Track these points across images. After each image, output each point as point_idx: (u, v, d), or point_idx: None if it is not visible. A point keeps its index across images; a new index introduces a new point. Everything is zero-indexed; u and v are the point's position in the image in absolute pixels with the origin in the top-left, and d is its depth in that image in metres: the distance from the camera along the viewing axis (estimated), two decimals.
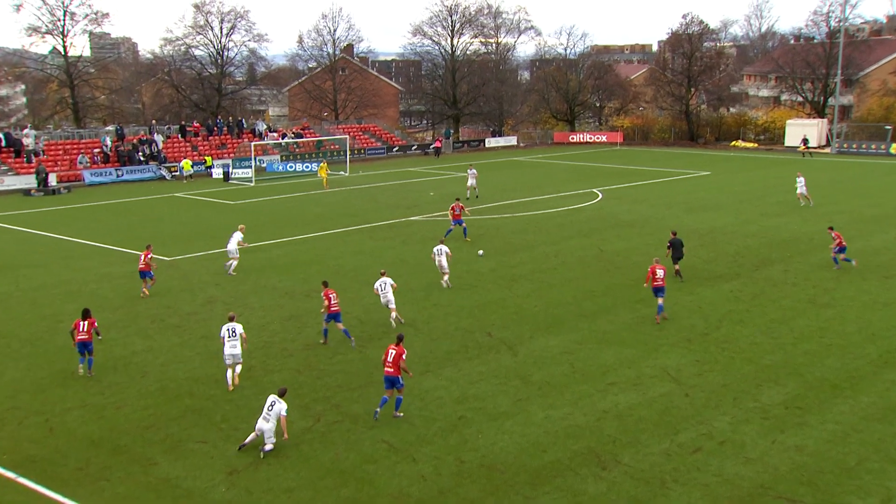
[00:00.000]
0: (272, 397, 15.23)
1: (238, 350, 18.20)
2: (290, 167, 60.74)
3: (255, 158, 57.50)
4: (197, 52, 76.56)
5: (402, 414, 16.56)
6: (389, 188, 50.85)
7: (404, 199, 45.63)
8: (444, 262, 25.99)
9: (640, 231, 35.36)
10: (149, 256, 25.52)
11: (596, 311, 23.48)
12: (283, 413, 15.07)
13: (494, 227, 36.47)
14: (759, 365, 19.22)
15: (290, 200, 46.45)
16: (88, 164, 55.75)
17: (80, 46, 71.79)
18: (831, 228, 28.93)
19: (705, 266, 28.77)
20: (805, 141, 69.35)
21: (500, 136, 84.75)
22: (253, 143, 59.07)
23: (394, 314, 22.13)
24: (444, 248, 26.37)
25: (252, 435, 15.19)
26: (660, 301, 22.49)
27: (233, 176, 56.55)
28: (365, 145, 73.03)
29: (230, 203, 45.22)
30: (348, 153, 62.69)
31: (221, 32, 74.82)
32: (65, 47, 67.15)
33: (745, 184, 50.48)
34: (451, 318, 22.96)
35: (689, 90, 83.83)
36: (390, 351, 16.68)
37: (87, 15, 67.25)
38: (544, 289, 26.02)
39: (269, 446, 14.97)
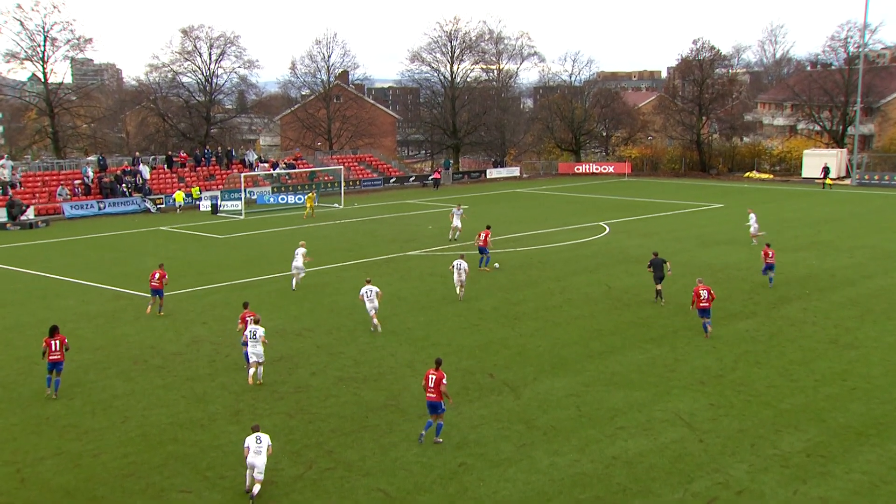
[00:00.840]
0: (255, 435, 15.37)
1: (260, 349, 20.91)
2: (282, 199, 61.09)
3: (244, 190, 57.83)
4: (184, 79, 77.55)
5: (441, 440, 17.36)
6: (386, 221, 51.06)
7: (402, 232, 45.79)
8: (463, 278, 29.17)
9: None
10: (164, 278, 27.81)
11: (604, 351, 23.49)
12: (269, 444, 15.33)
13: (497, 261, 36.51)
14: (778, 409, 19.18)
15: (281, 234, 46.63)
16: (68, 197, 56.00)
17: (60, 73, 72.97)
18: (768, 245, 31.57)
19: (719, 304, 28.74)
20: (826, 171, 69.75)
21: (502, 166, 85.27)
22: (243, 175, 59.43)
23: (375, 321, 24.94)
24: (464, 265, 29.29)
25: (248, 474, 15.19)
26: (705, 321, 24.65)
27: (221, 208, 56.85)
28: (360, 176, 73.48)
29: (218, 237, 45.39)
30: (343, 185, 63.09)
31: (210, 58, 75.87)
32: (45, 74, 67.73)
33: (761, 217, 50.67)
34: (451, 358, 22.94)
35: (701, 119, 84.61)
36: (430, 376, 17.54)
37: (68, 40, 67.79)
38: (549, 327, 26.04)
39: (257, 487, 14.92)
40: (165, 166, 64.21)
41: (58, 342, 19.62)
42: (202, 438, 17.82)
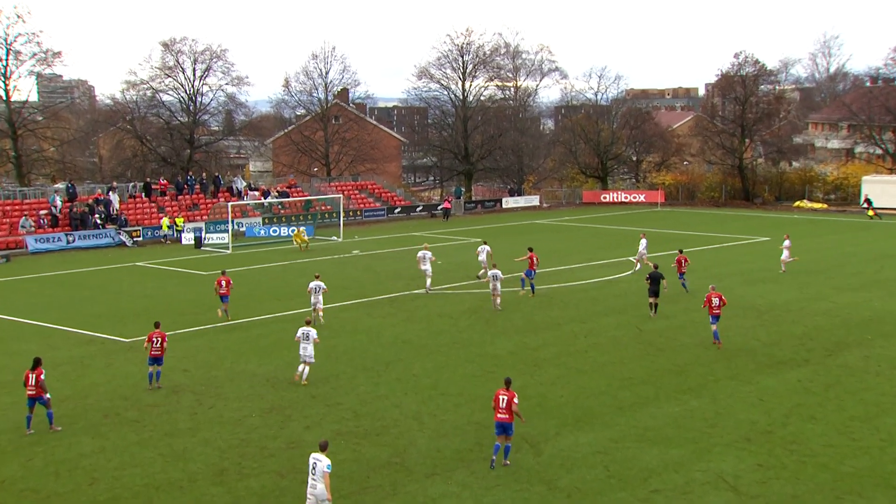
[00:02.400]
0: (314, 456, 15.85)
1: (311, 351, 24.99)
2: (274, 232, 61.48)
3: (232, 221, 58.25)
4: (165, 98, 78.39)
5: (509, 462, 18.89)
6: (390, 256, 51.26)
7: (407, 268, 45.91)
8: (499, 289, 34.35)
9: (686, 307, 35.37)
10: (230, 284, 33.36)
11: (635, 403, 23.41)
12: (327, 469, 15.61)
13: (513, 302, 36.58)
14: (838, 473, 19.00)
15: (272, 270, 46.83)
16: (33, 229, 56.45)
17: (25, 90, 73.43)
18: (681, 251, 36.06)
19: (766, 350, 28.70)
20: (868, 202, 69.80)
21: (519, 195, 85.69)
22: (230, 204, 59.91)
23: (321, 314, 30.23)
24: (500, 274, 34.45)
25: None
26: (714, 328, 27.52)
27: (206, 242, 57.19)
28: (362, 206, 73.96)
29: (202, 274, 45.62)
30: (342, 215, 63.50)
31: (194, 75, 76.78)
32: (7, 91, 68.05)
33: (813, 252, 50.65)
34: (463, 409, 22.91)
35: (743, 141, 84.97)
36: (501, 396, 19.03)
37: (34, 54, 68.16)
38: (573, 375, 25.99)
39: None
40: (143, 194, 64.80)
41: (34, 376, 20.95)
42: (181, 502, 17.78)
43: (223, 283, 33.47)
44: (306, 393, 24.44)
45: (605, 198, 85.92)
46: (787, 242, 43.79)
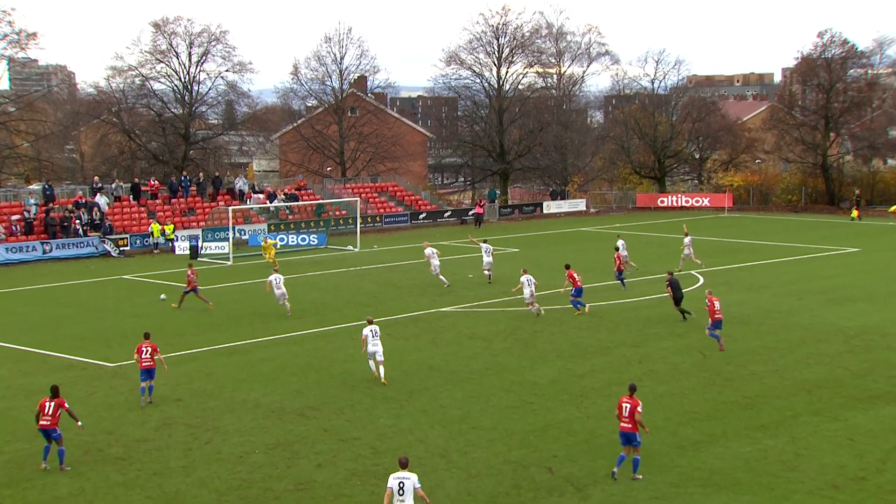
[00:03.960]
0: (399, 476, 16.98)
1: (380, 348, 28.02)
2: (282, 240, 61.70)
3: (233, 228, 58.57)
4: (156, 86, 79.10)
5: (641, 477, 19.98)
6: (414, 268, 51.29)
7: (433, 282, 45.93)
8: (534, 292, 37.24)
9: (758, 329, 35.12)
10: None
11: (699, 441, 23.22)
12: (418, 485, 17.01)
13: (556, 321, 36.52)
14: None
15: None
16: (3, 237, 57.03)
17: None
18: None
19: (856, 381, 28.35)
20: (856, 201, 69.45)
21: (562, 198, 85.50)
22: (231, 208, 60.20)
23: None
24: (533, 279, 37.36)
25: None
26: (718, 334, 31.02)
27: (203, 251, 57.56)
28: (381, 210, 74.17)
29: (198, 288, 45.81)
30: (359, 221, 63.63)
31: (190, 60, 77.47)
32: None
33: None
34: (498, 446, 22.85)
35: (828, 135, 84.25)
36: (624, 404, 20.30)
37: (5, 35, 68.93)
38: None
39: None
40: (131, 197, 65.36)
41: (53, 406, 21.58)
42: None
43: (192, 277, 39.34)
44: (317, 426, 24.49)
45: (662, 202, 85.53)
46: (687, 240, 48.57)
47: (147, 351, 26.46)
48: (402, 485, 16.95)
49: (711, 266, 49.98)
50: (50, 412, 21.56)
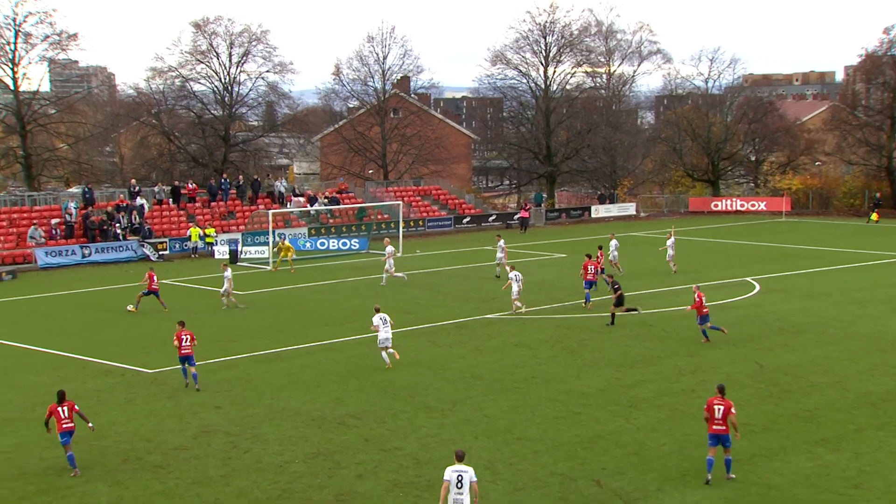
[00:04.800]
0: (456, 469, 17.51)
1: (390, 335, 30.69)
2: (322, 244, 62.09)
3: (273, 232, 58.93)
4: (196, 87, 79.83)
5: (734, 476, 20.94)
6: (457, 274, 51.36)
7: (477, 289, 45.90)
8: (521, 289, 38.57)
9: (818, 339, 34.81)
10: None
11: (755, 455, 23.00)
12: (474, 479, 17.55)
13: (604, 330, 36.39)
14: None
15: (320, 290, 47.27)
16: (43, 240, 57.73)
17: (36, 79, 74.59)
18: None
19: None
20: (876, 203, 68.14)
21: (611, 201, 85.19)
22: (271, 212, 60.62)
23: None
24: (520, 275, 38.97)
25: None
26: (707, 326, 33.92)
27: (243, 256, 57.98)
28: (425, 214, 74.31)
29: (237, 293, 46.24)
30: (401, 225, 63.79)
31: (230, 60, 78.05)
32: (15, 80, 69.89)
33: None
34: (544, 457, 22.80)
35: (894, 137, 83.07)
36: (716, 405, 20.95)
37: (47, 36, 70.01)
38: (677, 419, 25.72)
39: None
40: (171, 200, 66.01)
41: (66, 409, 22.19)
42: None
43: (154, 277, 41.30)
44: (358, 435, 24.57)
45: (716, 206, 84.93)
46: (670, 241, 50.59)
47: (187, 338, 28.66)
48: (460, 478, 17.41)
49: (769, 272, 49.52)
50: (67, 415, 22.15)
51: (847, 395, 27.80)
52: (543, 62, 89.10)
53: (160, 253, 59.17)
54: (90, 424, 22.83)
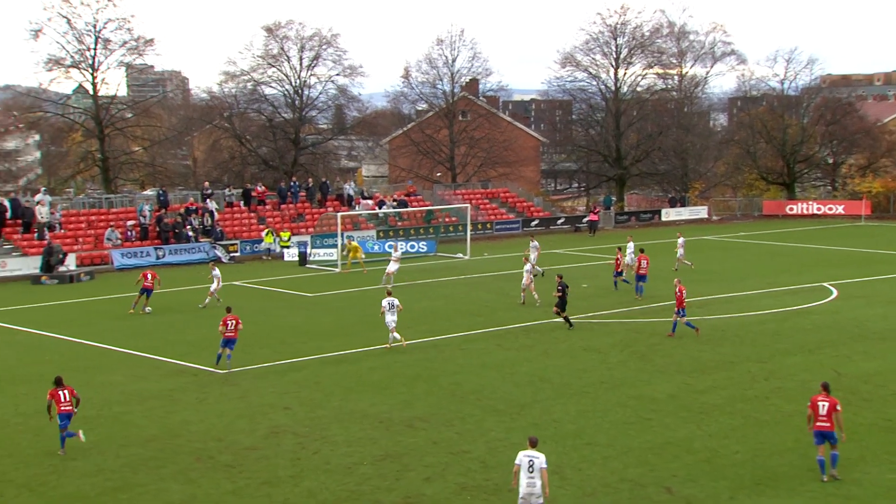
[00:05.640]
0: (528, 454, 18.41)
1: (395, 317, 33.41)
2: (390, 247, 62.20)
3: (342, 235, 59.30)
4: (268, 91, 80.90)
5: (837, 474, 21.11)
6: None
7: (545, 292, 45.77)
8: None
9: None
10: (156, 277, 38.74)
11: None
12: (545, 465, 18.41)
13: (675, 334, 36.09)
14: None
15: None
16: (120, 242, 58.88)
17: (114, 83, 75.68)
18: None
19: None
20: None
21: (682, 205, 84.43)
22: (340, 214, 60.99)
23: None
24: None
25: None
26: (684, 320, 35.50)
27: (312, 258, 58.46)
28: (493, 217, 74.29)
29: (307, 296, 46.74)
30: (469, 228, 63.80)
31: (301, 64, 79.01)
32: (94, 84, 71.78)
33: None
34: (613, 463, 22.68)
35: None
36: (820, 402, 21.19)
37: (124, 42, 71.77)
38: (751, 426, 25.43)
39: None
40: (242, 203, 66.85)
41: (66, 393, 23.65)
42: None
43: (148, 276, 42.21)
44: (426, 438, 24.65)
45: (791, 209, 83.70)
46: (681, 240, 52.48)
47: (231, 323, 31.01)
48: (531, 463, 18.26)
49: (847, 277, 48.65)
50: (67, 398, 23.53)
51: None
52: (614, 64, 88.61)
53: (231, 255, 59.95)
54: (75, 409, 23.97)
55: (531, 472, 18.24)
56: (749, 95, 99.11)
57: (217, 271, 43.73)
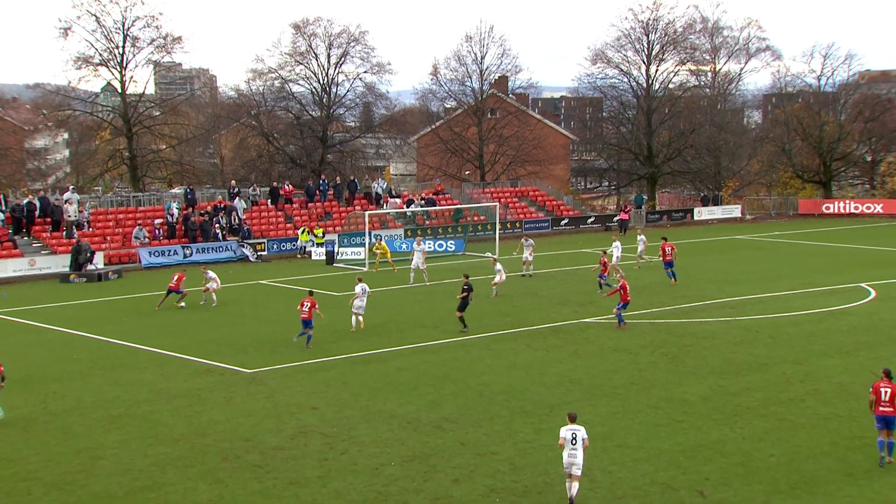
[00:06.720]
0: (570, 428, 20.21)
1: (364, 303, 36.67)
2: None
3: (369, 234, 59.44)
4: (296, 88, 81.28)
5: (894, 460, 21.90)
6: (555, 277, 51.19)
7: (576, 292, 45.67)
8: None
9: None
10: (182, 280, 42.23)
11: (871, 469, 22.41)
12: (586, 437, 20.25)
13: (707, 335, 35.96)
14: None
15: (416, 291, 47.61)
16: (147, 240, 59.32)
17: (142, 81, 76.30)
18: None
19: None
20: None
21: (715, 204, 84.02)
22: (367, 213, 61.15)
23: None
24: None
25: (572, 486, 19.81)
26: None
27: (339, 257, 58.63)
28: (522, 216, 74.23)
29: (334, 295, 46.84)
30: (498, 227, 63.75)
31: (329, 61, 79.25)
32: (122, 83, 72.32)
33: None
34: (644, 466, 22.59)
35: None
36: (883, 388, 21.94)
37: (153, 40, 72.35)
38: (786, 429, 25.24)
39: (576, 486, 19.95)
40: (269, 201, 67.14)
41: None
42: None
43: (174, 276, 43.55)
44: (454, 439, 24.64)
45: (827, 208, 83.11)
46: (642, 237, 54.52)
47: (307, 305, 34.09)
48: (574, 436, 20.02)
49: (886, 278, 48.21)
50: None
51: None
52: (645, 60, 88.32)
53: (259, 253, 60.22)
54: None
55: (574, 444, 19.93)
56: (784, 92, 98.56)
57: (211, 273, 44.54)
